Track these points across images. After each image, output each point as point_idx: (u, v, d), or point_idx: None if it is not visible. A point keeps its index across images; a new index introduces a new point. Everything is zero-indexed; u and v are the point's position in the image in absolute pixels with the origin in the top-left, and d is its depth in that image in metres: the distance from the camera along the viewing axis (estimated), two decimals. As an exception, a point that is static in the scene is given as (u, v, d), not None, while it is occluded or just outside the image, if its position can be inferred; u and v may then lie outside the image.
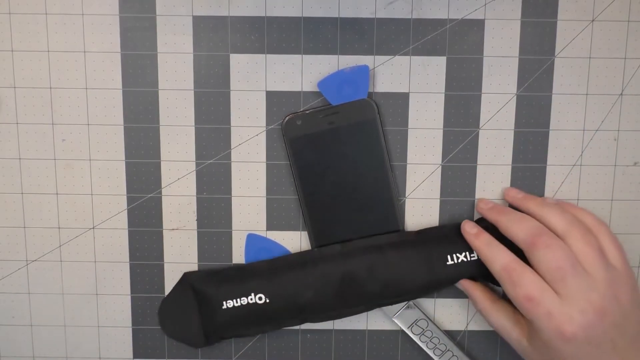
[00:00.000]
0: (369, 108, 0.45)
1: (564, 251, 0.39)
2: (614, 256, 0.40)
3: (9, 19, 0.45)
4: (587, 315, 0.37)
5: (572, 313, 0.38)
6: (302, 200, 0.46)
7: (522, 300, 0.39)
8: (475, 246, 0.42)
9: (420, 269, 0.44)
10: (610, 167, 0.46)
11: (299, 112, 0.45)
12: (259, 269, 0.45)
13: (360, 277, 0.44)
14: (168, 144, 0.46)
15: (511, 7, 0.45)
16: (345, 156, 0.45)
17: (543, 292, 0.38)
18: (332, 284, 0.44)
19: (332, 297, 0.44)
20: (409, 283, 0.44)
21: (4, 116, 0.46)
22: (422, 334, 0.47)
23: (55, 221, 0.47)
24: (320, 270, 0.44)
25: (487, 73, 0.45)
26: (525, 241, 0.40)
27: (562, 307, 0.38)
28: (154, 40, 0.45)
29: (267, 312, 0.44)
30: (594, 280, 0.38)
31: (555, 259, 0.38)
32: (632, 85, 0.45)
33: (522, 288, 0.39)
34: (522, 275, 0.39)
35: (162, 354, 0.48)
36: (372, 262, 0.44)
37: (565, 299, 0.38)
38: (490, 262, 0.41)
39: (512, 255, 0.40)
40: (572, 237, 0.39)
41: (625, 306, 0.39)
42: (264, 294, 0.44)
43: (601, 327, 0.38)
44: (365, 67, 0.44)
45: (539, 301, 0.38)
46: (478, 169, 0.46)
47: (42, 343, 0.48)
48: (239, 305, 0.44)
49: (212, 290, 0.45)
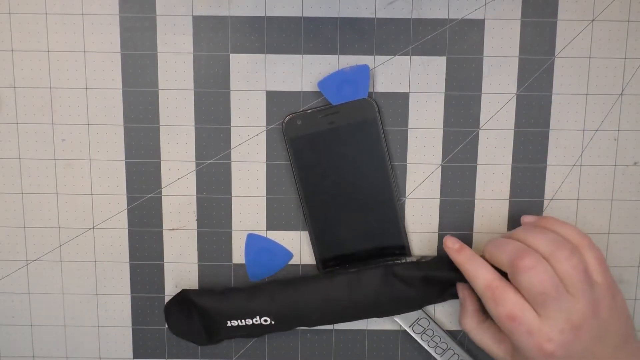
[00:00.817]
0: (369, 108, 0.45)
1: (548, 274, 0.38)
2: (597, 271, 0.40)
3: (9, 19, 0.45)
4: (566, 335, 0.38)
5: (551, 333, 0.38)
6: (302, 199, 0.46)
7: (504, 319, 0.39)
8: (457, 262, 0.42)
9: (427, 298, 0.44)
10: (610, 167, 0.46)
11: (299, 112, 0.45)
12: (263, 290, 0.45)
13: (366, 304, 0.44)
14: (168, 144, 0.46)
15: (511, 7, 0.45)
16: (346, 156, 0.45)
17: (524, 311, 0.38)
18: (338, 308, 0.44)
19: (337, 317, 0.45)
20: (414, 307, 0.45)
21: (4, 116, 0.46)
22: (424, 332, 0.47)
23: (55, 221, 0.47)
24: (327, 294, 0.44)
25: (487, 73, 0.45)
26: (509, 264, 0.39)
27: (542, 326, 0.38)
28: (154, 40, 0.45)
29: (271, 330, 0.45)
30: (576, 302, 0.38)
31: (539, 283, 0.38)
32: (632, 85, 0.45)
33: (504, 307, 0.39)
34: (504, 295, 0.39)
35: (162, 354, 0.48)
36: (379, 290, 0.43)
37: (546, 319, 0.38)
38: (472, 278, 0.41)
39: (495, 273, 0.40)
40: (557, 260, 0.39)
41: (605, 321, 0.39)
42: (269, 317, 0.44)
43: (580, 343, 0.38)
44: (365, 67, 0.44)
45: (520, 321, 0.38)
46: (478, 169, 0.46)
47: (42, 343, 0.48)
48: (244, 325, 0.44)
49: (215, 308, 0.44)
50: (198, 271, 0.47)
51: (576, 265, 0.39)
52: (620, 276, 0.47)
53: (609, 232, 0.47)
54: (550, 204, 0.46)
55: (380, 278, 0.43)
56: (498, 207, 0.47)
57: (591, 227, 0.47)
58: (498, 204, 0.47)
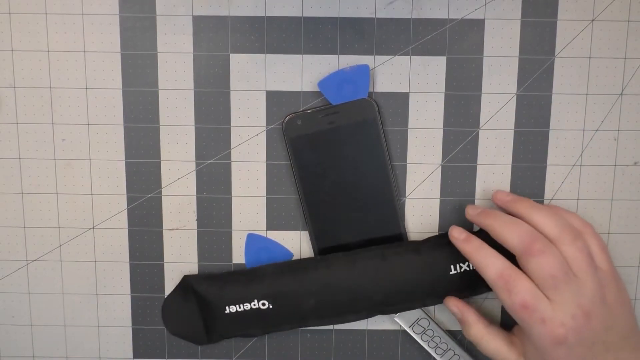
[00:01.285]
0: (369, 107, 0.45)
1: (557, 258, 0.39)
2: (600, 259, 0.41)
3: (9, 19, 0.45)
4: (577, 320, 0.38)
5: (564, 318, 0.38)
6: (302, 199, 0.46)
7: (517, 307, 0.39)
8: (465, 252, 0.42)
9: (423, 278, 0.44)
10: (610, 167, 0.46)
11: (300, 112, 0.45)
12: (262, 274, 0.45)
13: (364, 286, 0.44)
14: (168, 144, 0.46)
15: (511, 7, 0.45)
16: (346, 156, 0.45)
17: (537, 299, 0.39)
18: (335, 292, 0.44)
19: (335, 304, 0.44)
20: (412, 292, 0.44)
21: (4, 116, 0.46)
22: (424, 333, 0.47)
23: (55, 221, 0.47)
24: (324, 278, 0.44)
25: (487, 73, 0.45)
26: (519, 247, 0.39)
27: (554, 312, 0.38)
28: (154, 40, 0.45)
29: (269, 317, 0.44)
30: (584, 285, 0.39)
31: (549, 267, 0.38)
32: (632, 85, 0.45)
33: (517, 296, 0.39)
34: (517, 282, 0.39)
35: (162, 354, 0.48)
36: (376, 272, 0.44)
37: (557, 304, 0.38)
38: (482, 268, 0.41)
39: (506, 261, 0.40)
40: (563, 243, 0.39)
41: (612, 306, 0.40)
42: (267, 300, 0.44)
43: (591, 330, 0.39)
44: (365, 67, 0.44)
45: (534, 308, 0.39)
46: (478, 169, 0.46)
47: (42, 343, 0.48)
48: (242, 310, 0.44)
49: (214, 295, 0.45)
50: (198, 271, 0.47)
51: (582, 248, 0.39)
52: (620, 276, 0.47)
53: (608, 232, 0.47)
54: (550, 203, 0.46)
55: (377, 256, 0.44)
56: (498, 207, 0.47)
57: (591, 227, 0.47)
58: (498, 204, 0.47)
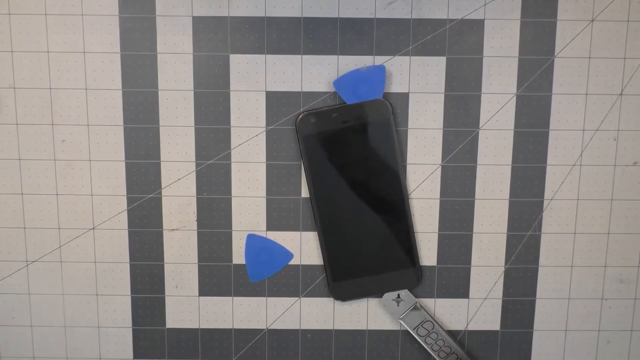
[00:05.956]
0: (383, 108, 0.45)
1: None
2: None
3: (9, 19, 0.45)
4: None
5: None
6: (313, 196, 0.46)
7: None
8: None
9: None
10: (610, 167, 0.46)
11: (314, 110, 0.45)
12: None
13: None
14: (168, 144, 0.46)
15: (511, 7, 0.45)
16: (358, 155, 0.45)
17: None
18: None
19: None
20: None
21: (4, 116, 0.46)
22: (428, 336, 0.47)
23: (55, 222, 0.47)
24: None
25: (487, 73, 0.45)
26: None
27: None
28: (154, 41, 0.45)
29: None
30: None
31: None
32: (632, 85, 0.45)
33: None
34: None
35: (162, 354, 0.48)
36: None
37: None
38: None
39: None
40: None
41: None
42: None
43: None
44: (381, 67, 0.44)
45: None
46: (478, 169, 0.46)
47: (42, 344, 0.48)
48: None
49: None
50: (198, 271, 0.47)
51: None
52: (620, 276, 0.47)
53: (608, 232, 0.47)
54: (550, 204, 0.47)
55: None
56: (498, 207, 0.47)
57: (591, 227, 0.47)
58: (498, 204, 0.47)
